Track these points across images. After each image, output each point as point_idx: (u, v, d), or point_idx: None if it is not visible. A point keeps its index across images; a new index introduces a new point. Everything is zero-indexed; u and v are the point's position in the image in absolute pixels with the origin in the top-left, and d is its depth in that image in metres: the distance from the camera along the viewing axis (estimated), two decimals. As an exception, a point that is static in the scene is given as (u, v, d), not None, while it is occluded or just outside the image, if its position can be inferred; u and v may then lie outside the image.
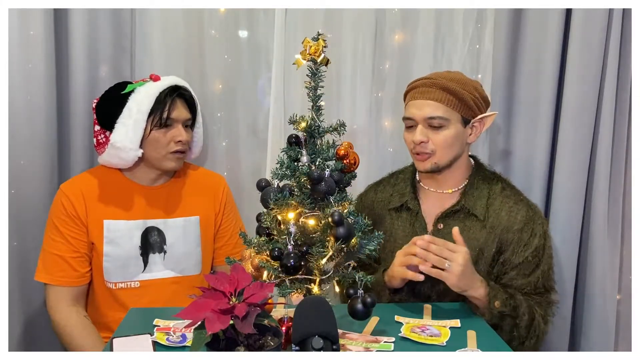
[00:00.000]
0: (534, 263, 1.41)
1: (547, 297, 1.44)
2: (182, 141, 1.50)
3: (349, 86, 1.83)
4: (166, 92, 1.48)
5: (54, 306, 1.47)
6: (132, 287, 1.51)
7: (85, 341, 1.44)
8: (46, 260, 1.48)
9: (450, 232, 1.40)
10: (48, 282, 1.47)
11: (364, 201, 1.61)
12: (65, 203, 1.47)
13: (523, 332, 1.36)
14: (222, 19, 1.79)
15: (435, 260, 1.25)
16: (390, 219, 1.52)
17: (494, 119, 1.48)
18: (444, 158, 1.42)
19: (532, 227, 1.42)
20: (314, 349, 0.94)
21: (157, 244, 1.54)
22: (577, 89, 1.70)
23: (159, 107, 1.46)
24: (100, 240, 1.48)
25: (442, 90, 1.40)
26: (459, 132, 1.42)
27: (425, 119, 1.40)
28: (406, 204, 1.50)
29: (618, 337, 1.82)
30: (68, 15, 1.65)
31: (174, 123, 1.50)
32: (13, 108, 1.58)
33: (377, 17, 1.81)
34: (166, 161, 1.51)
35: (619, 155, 1.75)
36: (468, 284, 1.28)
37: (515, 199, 1.46)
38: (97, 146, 1.51)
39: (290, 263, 1.05)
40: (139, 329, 1.17)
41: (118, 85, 1.51)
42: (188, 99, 1.54)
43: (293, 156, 1.11)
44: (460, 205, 1.44)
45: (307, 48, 1.10)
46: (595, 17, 1.67)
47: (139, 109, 1.44)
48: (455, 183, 1.49)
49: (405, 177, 1.56)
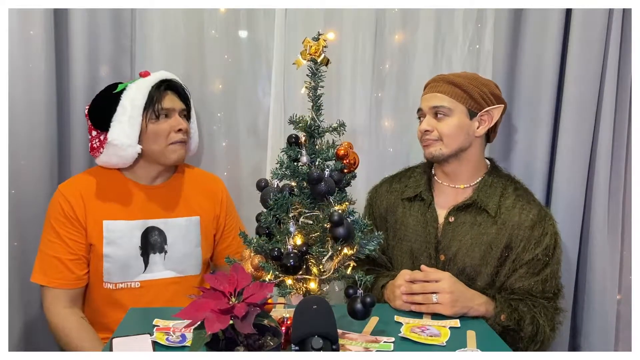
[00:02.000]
0: (543, 262, 1.42)
1: (555, 303, 1.45)
2: (182, 129, 1.50)
3: (349, 86, 1.83)
4: (157, 84, 1.49)
5: (50, 308, 1.46)
6: (132, 288, 1.51)
7: (83, 342, 1.43)
8: (43, 261, 1.46)
9: (460, 226, 1.45)
10: (44, 284, 1.46)
11: (379, 192, 1.64)
12: (63, 204, 1.46)
13: (527, 342, 1.37)
14: (222, 19, 1.79)
15: (422, 299, 1.29)
16: (402, 207, 1.56)
17: (501, 112, 1.50)
18: (449, 145, 1.46)
19: (544, 226, 1.44)
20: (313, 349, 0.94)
21: (158, 244, 1.53)
22: (577, 88, 1.70)
23: (152, 100, 1.47)
24: (100, 241, 1.47)
25: (449, 84, 1.46)
26: (464, 122, 1.46)
27: (431, 109, 1.47)
28: (420, 194, 1.53)
29: (618, 337, 1.82)
30: (68, 15, 1.65)
31: (170, 113, 1.50)
32: (13, 108, 1.58)
33: (377, 17, 1.81)
34: (168, 153, 1.50)
35: (619, 155, 1.75)
36: (465, 306, 1.30)
37: (527, 199, 1.48)
38: (92, 151, 1.51)
39: (290, 263, 1.05)
40: (138, 329, 1.16)
41: (108, 87, 1.52)
42: (179, 90, 1.55)
43: (293, 156, 1.11)
44: (473, 200, 1.47)
45: (307, 48, 1.10)
46: (595, 17, 1.67)
47: (132, 105, 1.45)
48: (469, 179, 1.52)
49: (421, 170, 1.60)
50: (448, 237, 1.46)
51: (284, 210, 1.09)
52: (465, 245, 1.44)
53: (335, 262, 1.08)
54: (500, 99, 1.51)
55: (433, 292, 1.29)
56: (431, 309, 1.28)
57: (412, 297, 1.30)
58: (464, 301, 1.30)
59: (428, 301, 1.28)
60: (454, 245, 1.45)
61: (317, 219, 1.10)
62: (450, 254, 1.45)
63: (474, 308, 1.31)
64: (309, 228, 1.10)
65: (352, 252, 1.10)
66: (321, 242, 1.08)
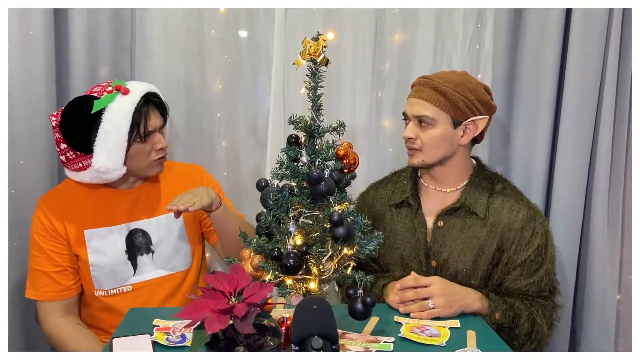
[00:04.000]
0: (537, 262, 1.41)
1: (552, 300, 1.44)
2: (163, 148, 1.48)
3: (349, 86, 1.83)
4: (140, 104, 1.41)
5: (44, 320, 1.47)
6: (125, 292, 1.49)
7: (81, 346, 1.43)
8: (32, 276, 1.47)
9: (450, 231, 1.43)
10: (35, 298, 1.46)
11: (365, 199, 1.62)
12: (42, 218, 1.45)
13: (522, 339, 1.37)
14: (222, 19, 1.79)
15: (417, 307, 1.29)
16: (390, 215, 1.53)
17: (486, 122, 1.45)
18: (430, 156, 1.44)
19: (533, 226, 1.42)
20: (313, 349, 0.94)
21: (144, 245, 1.51)
22: (577, 89, 1.70)
23: (136, 122, 1.40)
24: (84, 251, 1.46)
25: (433, 91, 1.40)
26: (447, 132, 1.41)
27: (414, 117, 1.43)
28: (407, 200, 1.50)
29: (618, 337, 1.82)
30: (68, 15, 1.65)
31: (152, 133, 1.46)
32: (13, 108, 1.58)
33: (377, 17, 1.81)
34: (151, 169, 1.49)
35: (619, 155, 1.75)
36: (462, 304, 1.31)
37: (516, 198, 1.46)
38: (67, 162, 1.42)
39: (290, 263, 1.05)
40: (138, 329, 1.17)
41: (81, 104, 1.39)
42: (159, 104, 1.49)
43: (293, 156, 1.11)
44: (461, 203, 1.44)
45: (307, 48, 1.10)
46: (595, 17, 1.67)
47: (117, 130, 1.37)
48: (455, 182, 1.49)
49: (407, 175, 1.56)
50: (438, 242, 1.45)
51: (284, 210, 1.09)
52: (456, 250, 1.43)
53: (335, 262, 1.08)
54: (488, 104, 1.44)
55: (426, 297, 1.29)
56: (430, 314, 1.28)
57: (408, 308, 1.30)
58: (459, 300, 1.31)
59: (425, 308, 1.28)
60: (445, 251, 1.44)
61: (317, 219, 1.10)
62: (442, 259, 1.44)
63: (470, 305, 1.32)
64: (309, 228, 1.10)
65: (352, 252, 1.10)
66: (321, 242, 1.08)
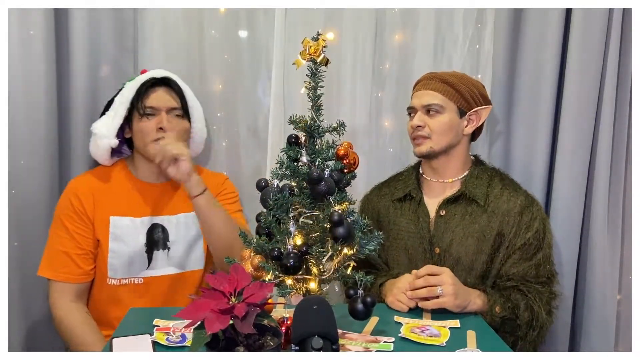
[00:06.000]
0: (535, 246, 1.46)
1: (550, 287, 1.47)
2: (162, 128, 1.50)
3: (349, 86, 1.83)
4: (144, 82, 1.52)
5: (56, 302, 1.48)
6: (135, 284, 1.53)
7: (86, 337, 1.44)
8: (51, 256, 1.49)
9: (452, 219, 1.49)
10: (51, 277, 1.48)
11: (369, 198, 1.68)
12: (73, 199, 1.49)
13: (525, 329, 1.40)
14: (222, 19, 1.79)
15: (426, 292, 1.31)
16: (394, 209, 1.59)
17: (489, 112, 1.56)
18: (439, 143, 1.51)
19: (532, 211, 1.48)
20: (313, 349, 0.94)
21: (161, 240, 1.55)
22: (577, 89, 1.70)
23: (139, 97, 1.51)
24: (105, 236, 1.50)
25: (441, 82, 1.51)
26: (454, 121, 1.51)
27: (423, 106, 1.51)
28: (409, 193, 1.56)
29: (618, 337, 1.81)
30: (68, 15, 1.65)
31: (157, 112, 1.51)
32: (13, 108, 1.58)
33: (377, 17, 1.81)
34: (149, 150, 1.50)
35: (619, 155, 1.75)
36: (466, 299, 1.33)
37: (513, 187, 1.54)
38: None
39: (290, 263, 1.05)
40: (138, 329, 1.17)
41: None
42: (174, 87, 1.55)
43: (293, 156, 1.11)
44: (462, 192, 1.51)
45: (307, 48, 1.10)
46: (595, 17, 1.67)
47: (120, 101, 1.52)
48: (456, 173, 1.56)
49: (409, 172, 1.64)
50: (441, 229, 1.49)
51: (284, 210, 1.09)
52: (458, 236, 1.48)
53: (335, 262, 1.08)
54: (487, 99, 1.56)
55: (436, 284, 1.30)
56: (436, 303, 1.29)
57: (416, 292, 1.32)
58: (464, 294, 1.33)
59: (432, 294, 1.30)
60: (447, 237, 1.48)
61: (317, 219, 1.10)
62: (445, 245, 1.48)
63: (472, 301, 1.34)
64: (309, 228, 1.10)
65: (352, 252, 1.10)
66: (321, 242, 1.08)
